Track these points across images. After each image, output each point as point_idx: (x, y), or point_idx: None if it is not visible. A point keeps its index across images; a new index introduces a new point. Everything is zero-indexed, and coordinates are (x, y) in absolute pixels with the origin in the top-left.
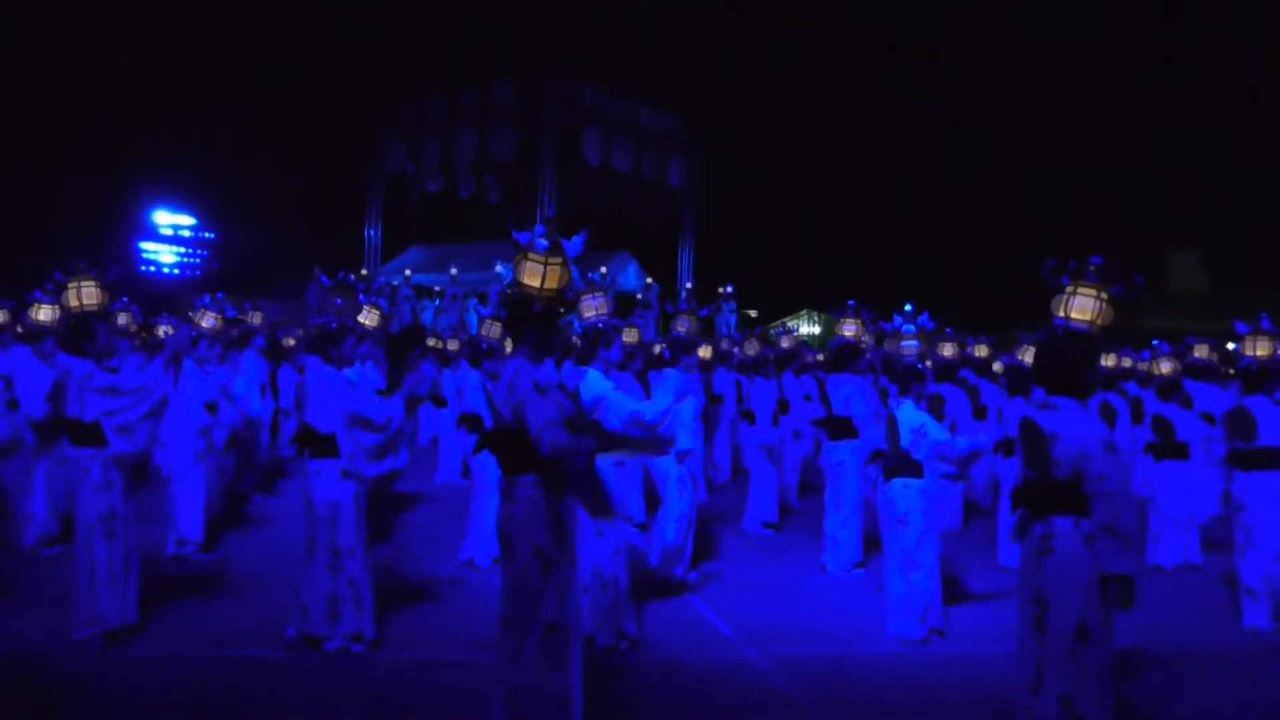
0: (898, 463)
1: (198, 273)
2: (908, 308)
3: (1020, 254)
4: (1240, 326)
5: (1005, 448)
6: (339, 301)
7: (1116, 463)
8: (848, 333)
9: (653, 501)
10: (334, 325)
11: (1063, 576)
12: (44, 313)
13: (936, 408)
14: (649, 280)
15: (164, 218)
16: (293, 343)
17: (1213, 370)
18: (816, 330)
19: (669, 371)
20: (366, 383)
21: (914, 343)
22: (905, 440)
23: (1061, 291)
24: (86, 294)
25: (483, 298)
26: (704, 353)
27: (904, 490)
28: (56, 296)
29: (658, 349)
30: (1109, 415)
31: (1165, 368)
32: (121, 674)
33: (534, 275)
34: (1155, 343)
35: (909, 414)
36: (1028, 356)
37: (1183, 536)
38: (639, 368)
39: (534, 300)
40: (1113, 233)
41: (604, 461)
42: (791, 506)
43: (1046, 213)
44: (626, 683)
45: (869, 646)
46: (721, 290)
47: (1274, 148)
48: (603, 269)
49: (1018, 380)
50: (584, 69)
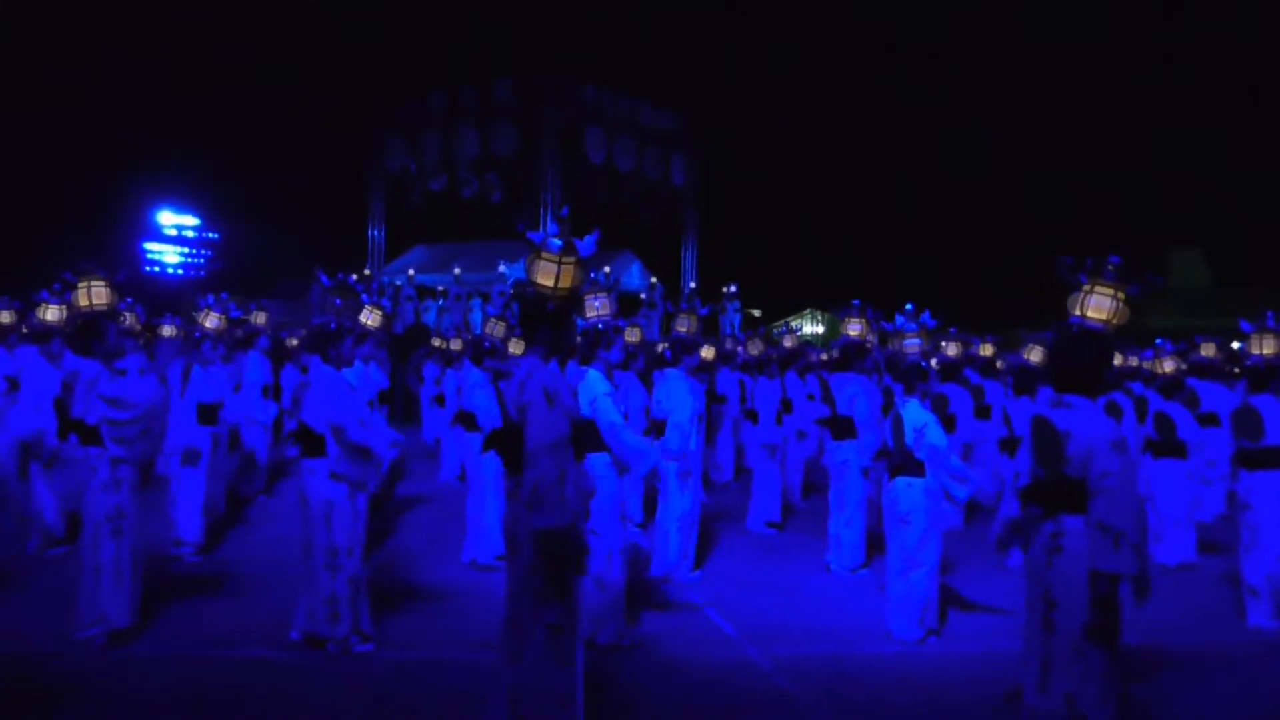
0: (901, 461)
1: (201, 273)
2: (908, 307)
3: (1022, 254)
4: (1246, 325)
5: (1010, 447)
6: (338, 302)
7: (1122, 462)
8: (853, 332)
9: (653, 503)
10: (332, 326)
11: (1072, 576)
12: (51, 313)
13: (940, 407)
14: (653, 280)
15: (168, 218)
16: (295, 343)
17: (1218, 369)
18: (820, 330)
19: (670, 372)
20: (366, 383)
21: (917, 341)
22: (909, 439)
23: (1078, 290)
24: (96, 294)
25: (486, 297)
26: (706, 353)
27: (907, 489)
28: (63, 297)
29: (660, 348)
30: (1114, 414)
31: (1169, 366)
32: (122, 673)
33: (548, 275)
34: (1159, 341)
35: (914, 413)
36: (1033, 355)
37: (1182, 535)
38: (641, 368)
39: (548, 300)
40: (1114, 231)
41: (603, 461)
42: (794, 506)
43: (1047, 212)
44: (628, 682)
45: (871, 646)
46: (725, 290)
47: (1275, 146)
48: (606, 269)
49: (1024, 380)
50: (585, 68)
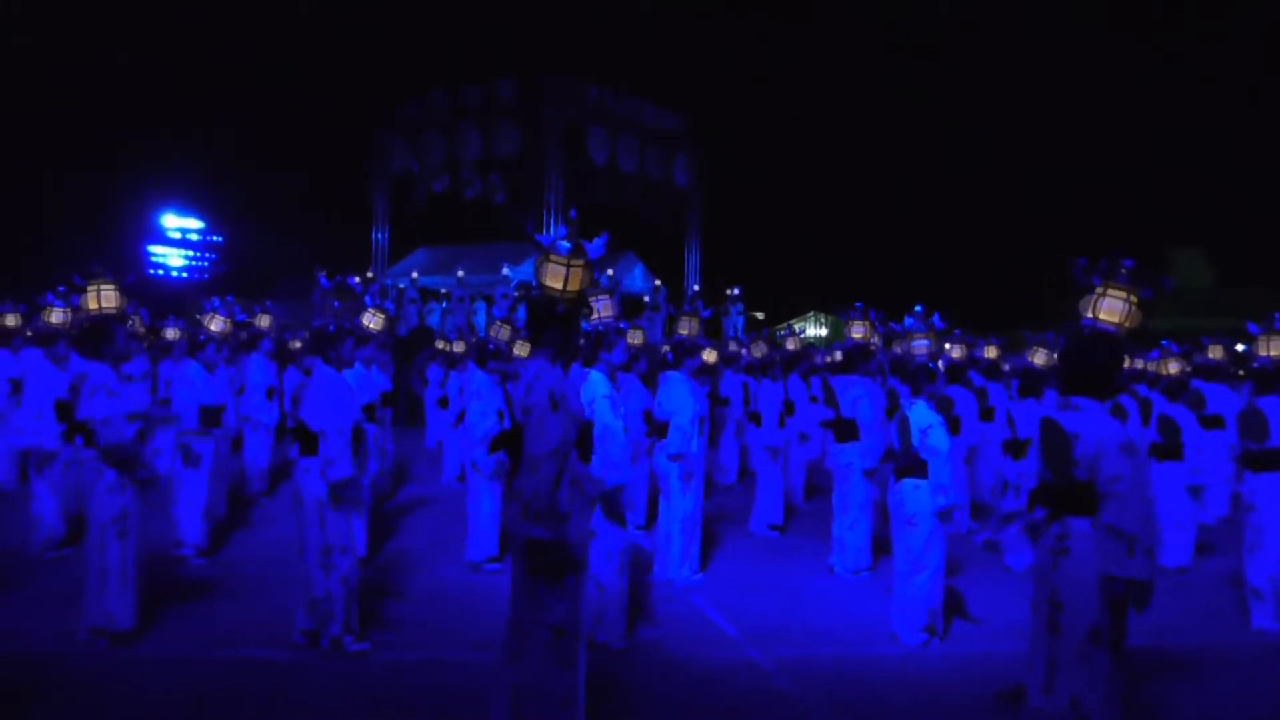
0: (908, 463)
1: (205, 276)
2: (918, 309)
3: (1024, 255)
4: (1253, 327)
5: (1014, 450)
6: (336, 304)
7: (1132, 465)
8: (856, 335)
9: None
10: (331, 328)
11: (1078, 578)
12: (55, 316)
13: (945, 409)
14: (656, 283)
15: (172, 221)
16: (299, 345)
17: (1224, 371)
18: (824, 332)
19: (672, 374)
20: (366, 386)
21: (925, 342)
22: (915, 440)
23: (1090, 292)
24: (105, 297)
25: (489, 300)
26: (708, 356)
27: (914, 491)
28: (69, 300)
29: (663, 351)
30: (1119, 416)
31: (1174, 368)
32: (124, 674)
33: (557, 277)
34: (1165, 343)
35: (921, 414)
36: (1037, 358)
37: (1181, 538)
38: (644, 370)
39: (556, 302)
40: (1116, 232)
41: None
42: (797, 508)
43: (1048, 213)
44: (630, 683)
45: (873, 648)
46: (729, 293)
47: (1276, 146)
48: (609, 271)
49: (1028, 382)
50: (587, 68)
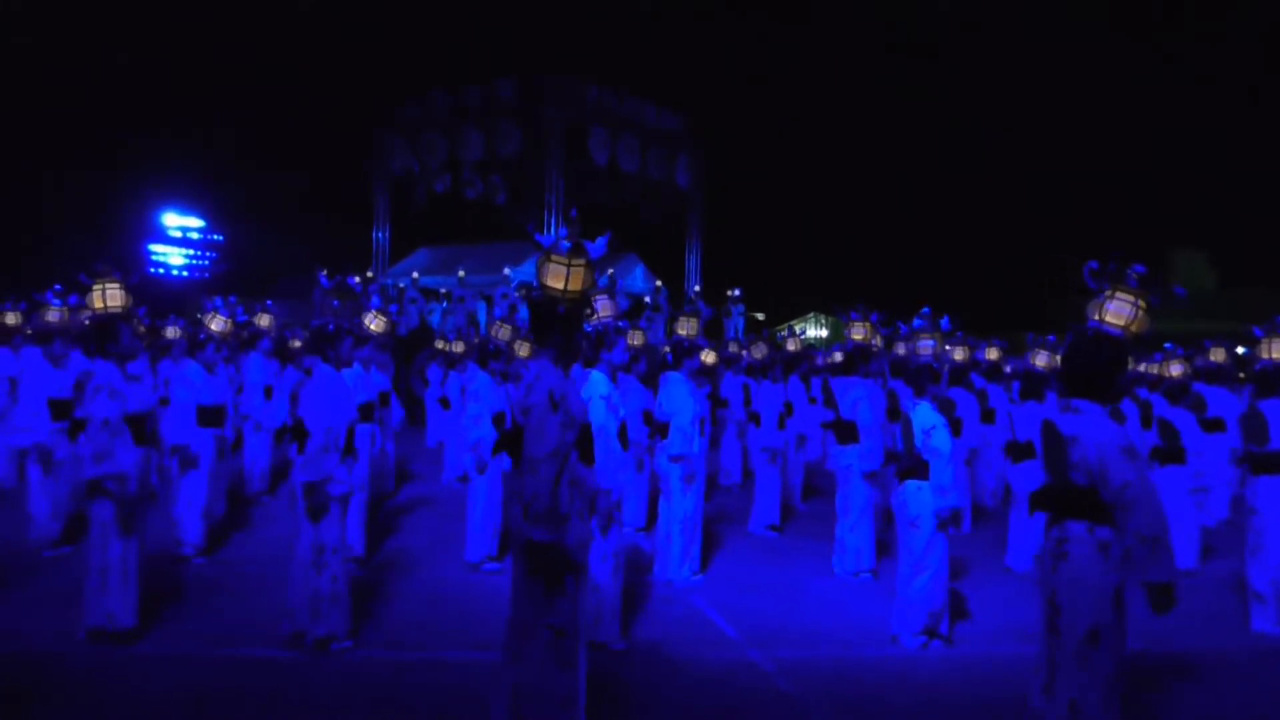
0: (911, 464)
1: (206, 275)
2: (925, 310)
3: (1025, 256)
4: (1257, 330)
5: (1014, 452)
6: (335, 304)
7: (1137, 468)
8: (857, 336)
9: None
10: (330, 327)
11: (1075, 582)
12: (51, 314)
13: (947, 411)
14: (658, 283)
15: (173, 220)
16: (298, 345)
17: (1226, 373)
18: (824, 333)
19: (672, 375)
20: (365, 386)
21: (931, 343)
22: (918, 441)
23: (1100, 294)
24: (111, 296)
25: (490, 300)
26: (708, 357)
27: (916, 492)
28: (66, 299)
29: (664, 351)
30: (1118, 420)
31: (1176, 371)
32: (123, 673)
33: (558, 277)
34: (1168, 345)
35: (924, 415)
36: (1039, 360)
37: (1186, 541)
38: (643, 371)
39: (558, 302)
40: (1118, 233)
41: (607, 462)
42: (796, 509)
43: (1049, 214)
44: (629, 683)
45: (873, 649)
46: (729, 293)
47: (1278, 147)
48: (610, 271)
49: (1030, 384)
50: (588, 69)
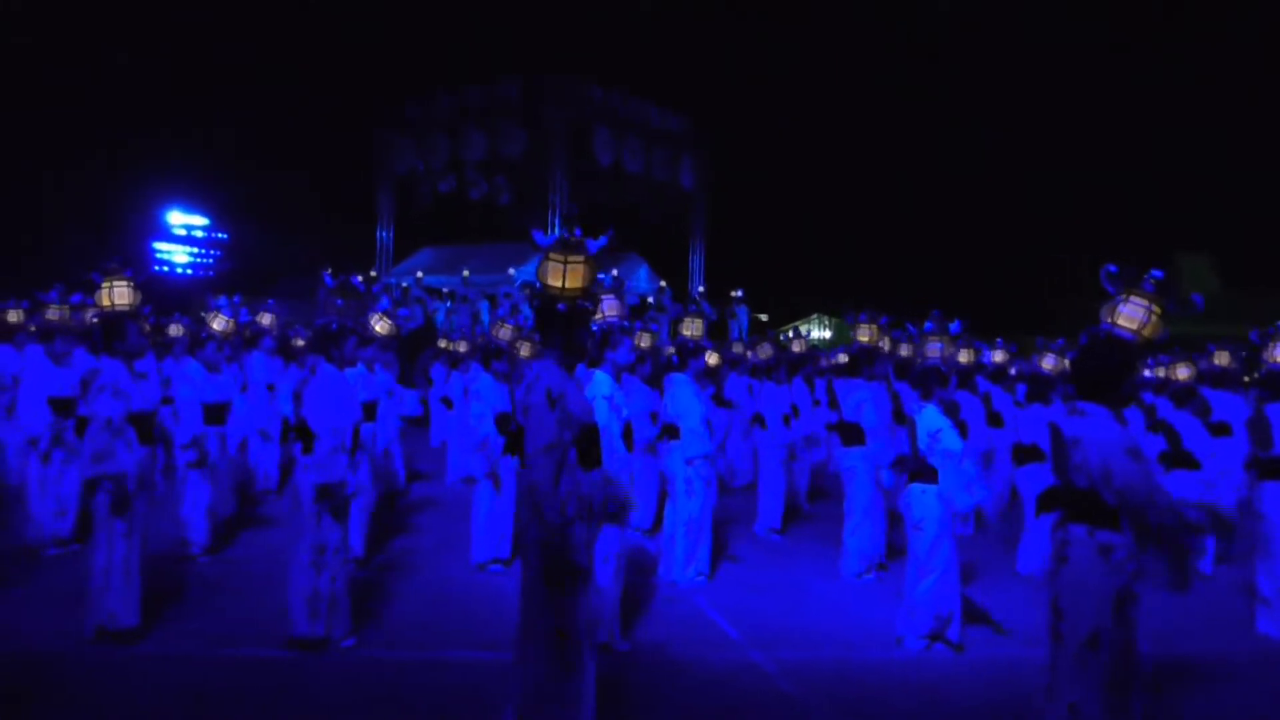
0: (915, 467)
1: (211, 273)
2: (936, 314)
3: (1030, 258)
4: (1254, 335)
5: (1020, 455)
6: (339, 303)
7: (1141, 469)
8: (863, 338)
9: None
10: (334, 326)
11: (1075, 585)
12: (52, 313)
13: (952, 413)
14: (661, 284)
15: (177, 218)
16: (301, 343)
17: (1231, 377)
18: (827, 334)
19: (677, 376)
20: (369, 387)
21: (939, 345)
22: (923, 444)
23: (1115, 297)
24: (118, 294)
25: (493, 299)
26: (712, 358)
27: (921, 495)
28: (66, 297)
29: (669, 353)
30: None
31: (1182, 374)
32: (125, 672)
33: (556, 274)
34: (1177, 349)
35: (930, 418)
36: (1046, 362)
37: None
38: (648, 372)
39: (557, 301)
40: (1122, 236)
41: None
42: (802, 511)
43: (1053, 216)
44: (631, 684)
45: (876, 651)
46: (733, 294)
47: None
48: (614, 271)
49: (1037, 386)
50: (592, 69)
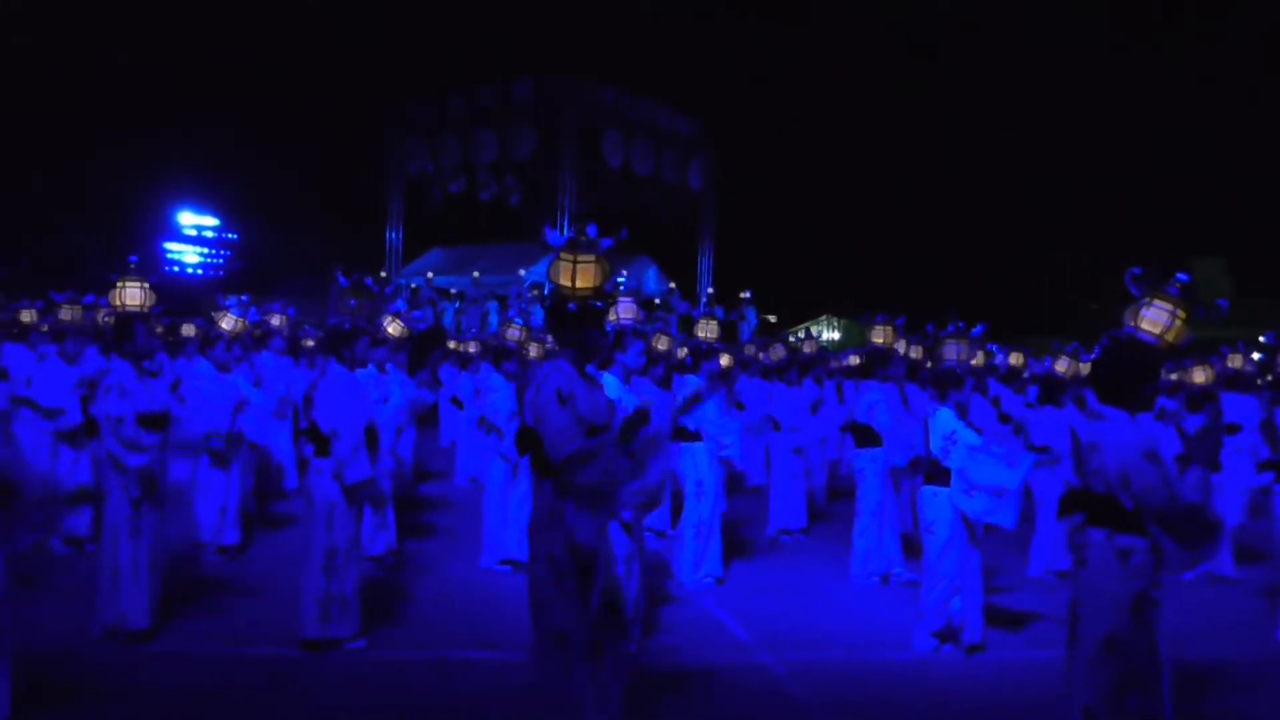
0: (928, 469)
1: (221, 273)
2: (954, 315)
3: (1038, 261)
4: (1271, 338)
5: None
6: (352, 303)
7: (1160, 472)
8: (878, 340)
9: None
10: (346, 326)
11: (1093, 589)
12: (63, 313)
13: (962, 414)
14: (671, 285)
15: (188, 218)
16: (311, 344)
17: (1246, 379)
18: (836, 335)
19: (690, 378)
20: (379, 387)
21: (958, 347)
22: (936, 447)
23: (1140, 300)
24: (129, 295)
25: (503, 300)
26: (724, 360)
27: (932, 498)
28: (77, 299)
29: (681, 355)
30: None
31: (1199, 378)
32: (137, 671)
33: (566, 274)
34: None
35: (944, 420)
36: (1059, 365)
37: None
38: (660, 374)
39: (568, 300)
40: (1130, 240)
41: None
42: (818, 511)
43: (1060, 219)
44: (639, 686)
45: (885, 653)
46: (741, 296)
47: None
48: (623, 272)
49: (1049, 389)
50: (602, 71)
